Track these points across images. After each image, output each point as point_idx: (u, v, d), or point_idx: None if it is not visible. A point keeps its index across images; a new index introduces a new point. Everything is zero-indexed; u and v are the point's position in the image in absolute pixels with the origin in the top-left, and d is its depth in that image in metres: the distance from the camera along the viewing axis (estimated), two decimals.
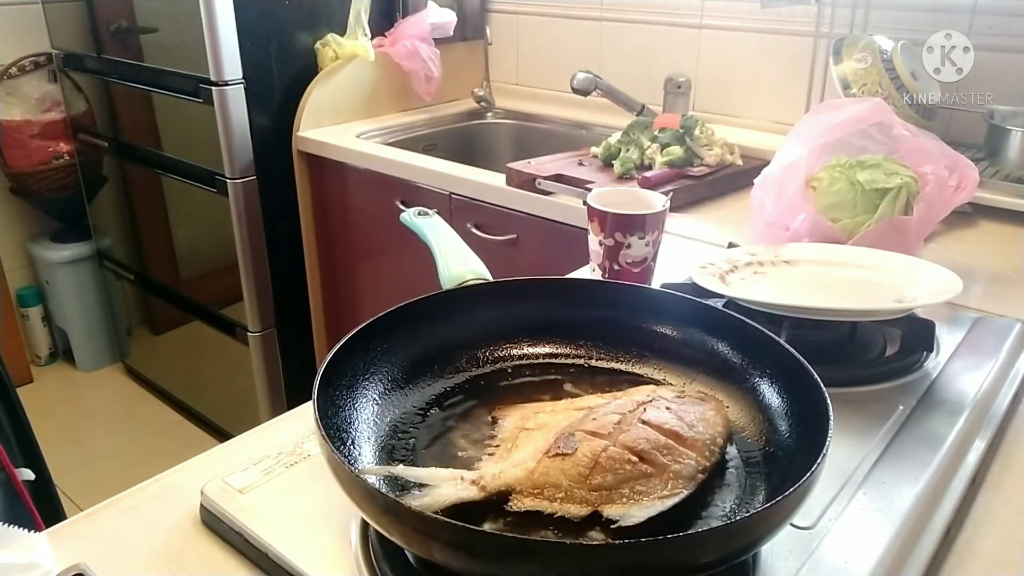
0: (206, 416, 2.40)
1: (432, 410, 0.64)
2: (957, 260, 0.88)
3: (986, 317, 0.93)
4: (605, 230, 0.90)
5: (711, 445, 0.56)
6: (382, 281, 1.91)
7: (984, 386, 0.78)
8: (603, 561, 0.43)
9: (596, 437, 0.54)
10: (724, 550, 0.46)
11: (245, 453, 0.67)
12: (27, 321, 2.65)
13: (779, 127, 1.71)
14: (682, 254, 1.13)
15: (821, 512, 0.59)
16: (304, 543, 0.57)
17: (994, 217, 1.28)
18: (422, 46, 1.99)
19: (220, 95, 1.80)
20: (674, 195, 1.11)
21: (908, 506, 0.61)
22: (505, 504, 0.52)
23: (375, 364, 0.64)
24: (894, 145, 1.08)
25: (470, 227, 1.57)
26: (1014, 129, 1.38)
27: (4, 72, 2.37)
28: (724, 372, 0.66)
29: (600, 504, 0.51)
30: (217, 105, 1.80)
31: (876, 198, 1.00)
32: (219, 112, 1.81)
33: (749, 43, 1.78)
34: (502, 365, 0.71)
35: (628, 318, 0.72)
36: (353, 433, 0.58)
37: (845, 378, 0.78)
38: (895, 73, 1.39)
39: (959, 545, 0.60)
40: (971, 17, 1.48)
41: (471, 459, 0.58)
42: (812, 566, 0.55)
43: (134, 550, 0.59)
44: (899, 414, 0.73)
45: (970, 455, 0.68)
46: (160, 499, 0.65)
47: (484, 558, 0.45)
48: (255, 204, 1.92)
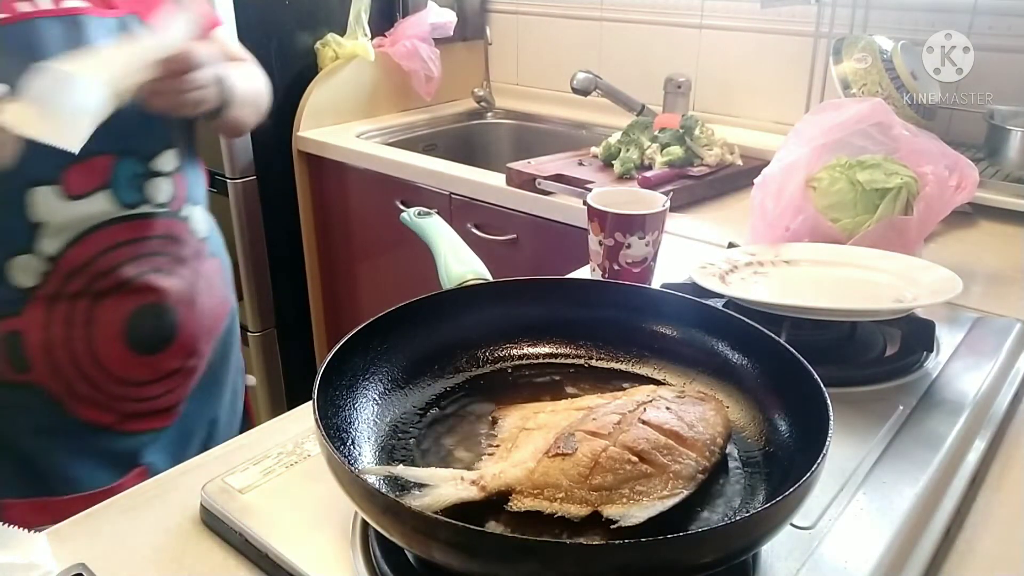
0: None
1: (432, 410, 0.64)
2: (957, 260, 0.88)
3: (986, 317, 0.93)
4: (605, 230, 0.90)
5: (711, 445, 0.56)
6: (382, 281, 1.91)
7: (984, 386, 0.78)
8: (603, 561, 0.43)
9: (596, 437, 0.54)
10: (724, 550, 0.46)
11: (245, 453, 0.67)
12: None
13: (779, 127, 1.71)
14: (682, 254, 1.13)
15: (821, 512, 0.59)
16: (304, 543, 0.57)
17: (994, 217, 1.28)
18: (422, 46, 1.99)
19: None
20: (674, 195, 1.11)
21: (908, 506, 0.61)
22: (505, 504, 0.52)
23: (375, 364, 0.64)
24: (894, 145, 1.08)
25: (470, 227, 1.57)
26: (1014, 129, 1.38)
27: None
28: (724, 372, 0.67)
29: (600, 504, 0.51)
30: None
31: (876, 198, 1.00)
32: None
33: (749, 43, 1.78)
34: (502, 365, 0.71)
35: (628, 318, 0.72)
36: (353, 433, 0.58)
37: (845, 378, 0.78)
38: (895, 73, 1.39)
39: (959, 545, 0.60)
40: (971, 17, 1.48)
41: (471, 459, 0.58)
42: (812, 566, 0.55)
43: (134, 550, 0.59)
44: (899, 414, 0.73)
45: (970, 455, 0.68)
46: (160, 499, 0.65)
47: (484, 558, 0.45)
48: (255, 204, 1.92)
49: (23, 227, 0.87)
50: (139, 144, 0.93)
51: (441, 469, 0.55)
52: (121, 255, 0.93)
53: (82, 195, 0.89)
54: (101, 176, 0.90)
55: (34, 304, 0.90)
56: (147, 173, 0.94)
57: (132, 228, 0.93)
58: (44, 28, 0.85)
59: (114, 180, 0.91)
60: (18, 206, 0.87)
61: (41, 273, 0.89)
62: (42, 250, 0.89)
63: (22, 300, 0.90)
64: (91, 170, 0.89)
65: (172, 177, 0.97)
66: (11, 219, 0.87)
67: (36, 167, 0.85)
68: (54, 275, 0.90)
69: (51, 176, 0.87)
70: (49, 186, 0.87)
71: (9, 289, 0.89)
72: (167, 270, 0.98)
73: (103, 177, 0.90)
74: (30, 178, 0.86)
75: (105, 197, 0.90)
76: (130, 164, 0.92)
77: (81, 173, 0.88)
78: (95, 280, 0.87)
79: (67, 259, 0.89)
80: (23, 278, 0.89)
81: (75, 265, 0.90)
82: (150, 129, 0.94)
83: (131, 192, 0.93)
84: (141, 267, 0.95)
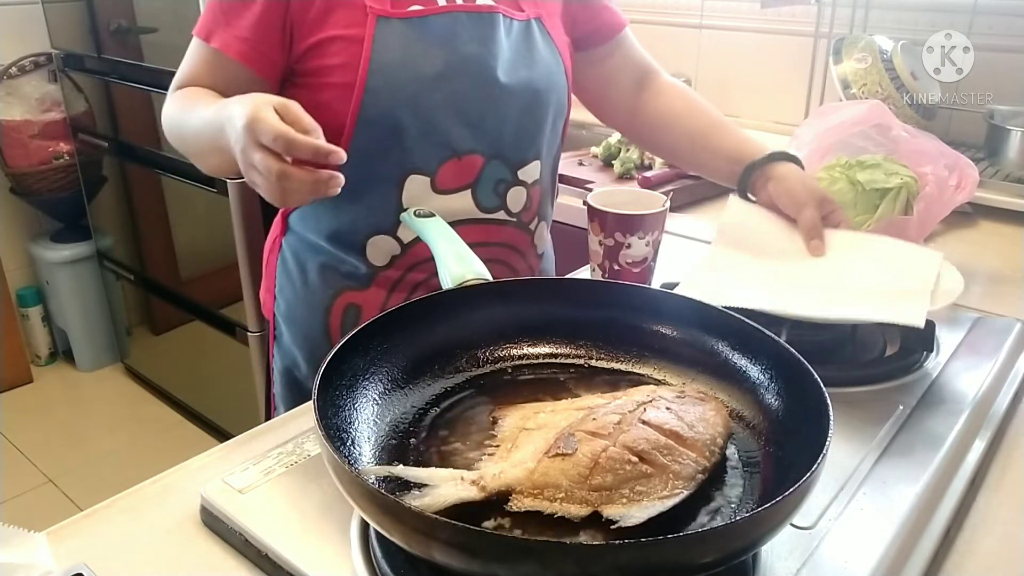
0: (206, 416, 2.40)
1: (432, 410, 0.64)
2: (957, 260, 0.88)
3: (986, 317, 0.93)
4: (605, 230, 0.90)
5: (711, 445, 0.56)
6: None
7: (984, 386, 0.78)
8: (603, 561, 0.43)
9: (596, 437, 0.54)
10: (724, 550, 0.46)
11: (245, 453, 0.67)
12: (27, 321, 2.65)
13: (779, 127, 1.71)
14: (682, 254, 1.13)
15: (821, 512, 0.59)
16: (304, 543, 0.57)
17: (994, 217, 1.28)
18: None
19: None
20: (674, 195, 1.11)
21: (908, 506, 0.61)
22: (505, 504, 0.52)
23: (375, 364, 0.64)
24: (893, 146, 1.08)
25: None
26: (1014, 129, 1.38)
27: (4, 72, 2.37)
28: (724, 372, 0.66)
29: (600, 504, 0.51)
30: None
31: (876, 198, 1.00)
32: None
33: (749, 43, 1.78)
34: (502, 365, 0.71)
35: (628, 318, 0.72)
36: (353, 433, 0.58)
37: (845, 378, 0.78)
38: (895, 73, 1.39)
39: (959, 545, 0.60)
40: (971, 17, 1.48)
41: (471, 459, 0.58)
42: (812, 566, 0.55)
43: (134, 550, 0.59)
44: (899, 414, 0.73)
45: (970, 455, 0.68)
46: (160, 499, 0.65)
47: (484, 558, 0.45)
48: (255, 204, 1.92)
49: (393, 209, 0.89)
50: (510, 150, 0.93)
51: (441, 469, 0.55)
52: None
53: (449, 191, 0.90)
54: (469, 175, 0.91)
55: (379, 283, 0.93)
56: (511, 180, 0.94)
57: (484, 231, 0.93)
58: (459, 21, 0.87)
59: (479, 181, 0.92)
60: (395, 189, 0.89)
61: (392, 256, 0.92)
62: (400, 235, 0.91)
63: (370, 277, 0.93)
64: (462, 168, 0.90)
65: (531, 188, 0.97)
66: (386, 199, 0.89)
67: (421, 157, 0.88)
68: (402, 260, 0.92)
69: (430, 167, 0.89)
70: (425, 176, 0.89)
71: (364, 264, 0.93)
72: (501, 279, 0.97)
73: (471, 176, 0.91)
74: (412, 166, 0.89)
75: (467, 197, 0.92)
76: (497, 168, 0.93)
77: (453, 169, 0.90)
78: (434, 275, 0.87)
79: (417, 249, 0.91)
80: (377, 256, 0.92)
81: (421, 256, 0.91)
82: (521, 137, 0.94)
83: (492, 197, 0.93)
84: None
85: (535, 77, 0.92)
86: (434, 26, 0.86)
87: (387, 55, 0.84)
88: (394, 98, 0.85)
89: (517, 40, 0.92)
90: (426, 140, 0.87)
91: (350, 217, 0.91)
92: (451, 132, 0.89)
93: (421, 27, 0.86)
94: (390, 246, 0.92)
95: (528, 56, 0.93)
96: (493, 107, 0.90)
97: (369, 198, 0.90)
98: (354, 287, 0.94)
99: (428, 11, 0.86)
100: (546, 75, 0.94)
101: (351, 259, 0.93)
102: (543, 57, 0.94)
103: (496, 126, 0.90)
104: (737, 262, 0.92)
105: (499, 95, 0.90)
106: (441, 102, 0.87)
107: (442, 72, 0.86)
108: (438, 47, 0.86)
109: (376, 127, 0.86)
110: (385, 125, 0.86)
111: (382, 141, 0.87)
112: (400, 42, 0.85)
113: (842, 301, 0.83)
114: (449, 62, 0.87)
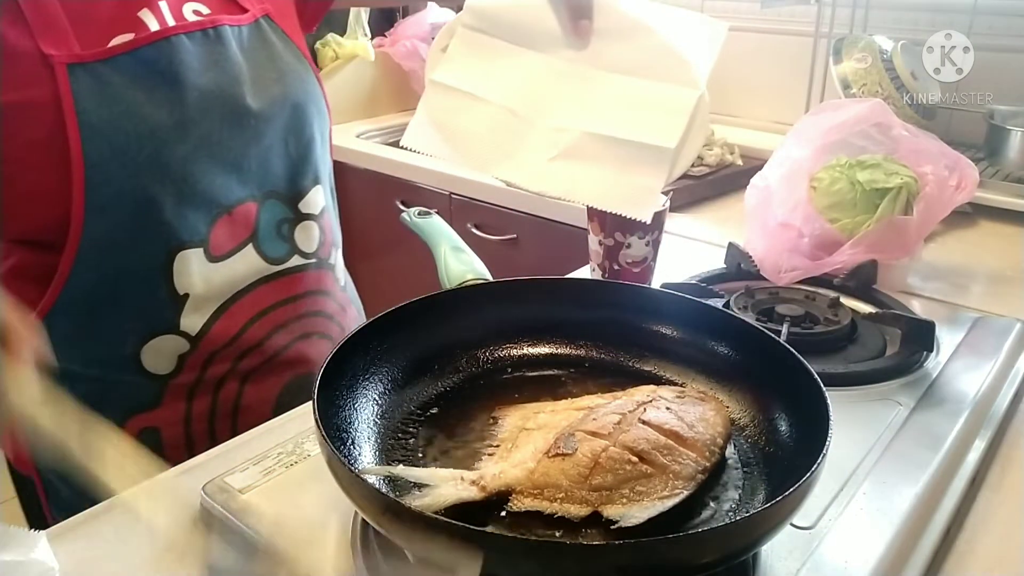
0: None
1: (432, 410, 0.64)
2: (957, 260, 0.88)
3: (986, 317, 0.93)
4: (605, 230, 0.90)
5: (711, 445, 0.56)
6: (382, 281, 1.91)
7: (984, 386, 0.78)
8: (603, 561, 0.43)
9: (596, 437, 0.54)
10: (724, 550, 0.46)
11: (245, 453, 0.67)
12: None
13: (779, 127, 1.71)
14: (682, 254, 1.13)
15: (821, 512, 0.59)
16: (304, 543, 0.57)
17: (994, 217, 1.28)
18: (422, 46, 1.99)
19: None
20: (674, 195, 1.11)
21: (908, 506, 0.61)
22: (505, 504, 0.52)
23: (375, 364, 0.64)
24: (894, 145, 1.08)
25: (470, 227, 1.57)
26: (1014, 129, 1.38)
27: None
28: (724, 372, 0.67)
29: (600, 504, 0.51)
30: None
31: (876, 198, 1.00)
32: None
33: (749, 43, 1.78)
34: (502, 365, 0.71)
35: (628, 318, 0.72)
36: (353, 433, 0.58)
37: (845, 378, 0.78)
38: (895, 73, 1.39)
39: (959, 545, 0.60)
40: (971, 17, 1.48)
41: (471, 459, 0.58)
42: (812, 566, 0.55)
43: (134, 550, 0.59)
44: (899, 414, 0.73)
45: (970, 455, 0.68)
46: (160, 499, 0.65)
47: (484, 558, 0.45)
48: None
49: (166, 301, 0.72)
50: (283, 184, 0.78)
51: (441, 469, 0.55)
52: (269, 323, 0.79)
53: (228, 254, 0.74)
54: (246, 228, 0.75)
55: (172, 395, 0.76)
56: (293, 218, 0.79)
57: (279, 288, 0.79)
58: (182, 48, 0.70)
59: (258, 231, 0.76)
60: (162, 275, 0.71)
61: (179, 355, 0.74)
62: (183, 329, 0.74)
63: (159, 391, 0.75)
64: (236, 223, 0.74)
65: (320, 220, 0.82)
66: (152, 292, 0.72)
67: (186, 228, 0.71)
68: (194, 358, 0.75)
69: (199, 235, 0.72)
70: (196, 248, 0.72)
71: (144, 378, 0.74)
72: (319, 332, 0.84)
73: (248, 229, 0.75)
74: (177, 242, 0.71)
75: (251, 253, 0.76)
76: (274, 208, 0.77)
77: (227, 228, 0.74)
78: (241, 359, 0.76)
79: (210, 337, 0.75)
80: (160, 363, 0.74)
81: (218, 344, 0.75)
82: (294, 165, 0.79)
83: (277, 243, 0.78)
84: (292, 334, 0.81)
85: (289, 91, 0.77)
86: (151, 60, 0.68)
87: (100, 112, 0.65)
88: (128, 166, 0.66)
89: (253, 51, 0.75)
90: (186, 205, 0.70)
91: (109, 330, 0.72)
92: (213, 185, 0.72)
93: (135, 65, 0.67)
94: (174, 345, 0.74)
95: (271, 66, 0.77)
96: (253, 141, 0.74)
97: (130, 298, 0.71)
98: (140, 409, 0.75)
99: (137, 42, 0.67)
100: (298, 84, 0.79)
101: (126, 378, 0.74)
102: (287, 63, 0.78)
103: (261, 163, 0.75)
104: (475, 71, 0.79)
105: (255, 125, 0.74)
106: (191, 153, 0.70)
107: (182, 117, 0.69)
108: (167, 86, 0.68)
109: (115, 210, 0.67)
110: (126, 203, 0.67)
111: (128, 224, 0.68)
112: (112, 92, 0.66)
113: (598, 117, 0.75)
114: (187, 101, 0.69)
